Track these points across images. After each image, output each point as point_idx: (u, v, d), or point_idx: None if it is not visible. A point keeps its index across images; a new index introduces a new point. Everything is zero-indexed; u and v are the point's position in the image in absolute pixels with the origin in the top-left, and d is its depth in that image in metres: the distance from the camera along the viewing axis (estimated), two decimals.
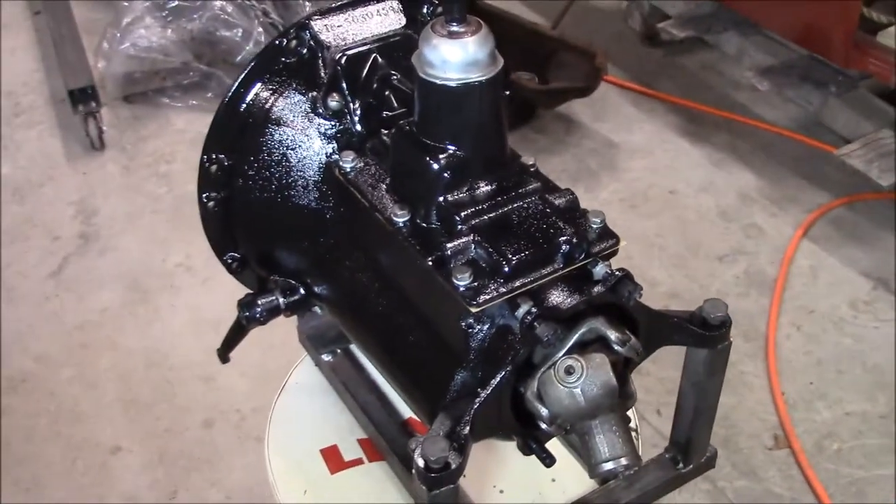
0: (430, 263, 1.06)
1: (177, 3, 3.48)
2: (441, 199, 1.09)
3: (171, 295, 2.93)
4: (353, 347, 1.48)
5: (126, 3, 3.52)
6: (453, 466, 1.00)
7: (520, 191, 1.11)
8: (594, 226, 1.09)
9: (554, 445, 1.20)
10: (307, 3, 3.70)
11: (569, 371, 1.01)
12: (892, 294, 2.82)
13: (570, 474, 1.33)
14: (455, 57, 1.04)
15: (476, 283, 1.03)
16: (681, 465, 1.30)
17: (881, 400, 2.54)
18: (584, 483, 1.32)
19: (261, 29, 3.52)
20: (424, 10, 1.30)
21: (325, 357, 1.47)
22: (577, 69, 3.21)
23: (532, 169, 1.15)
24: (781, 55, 3.16)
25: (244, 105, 1.24)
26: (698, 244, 2.97)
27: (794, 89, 3.04)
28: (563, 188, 1.14)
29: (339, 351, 1.48)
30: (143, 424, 2.56)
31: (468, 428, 1.02)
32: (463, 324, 1.06)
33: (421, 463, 1.00)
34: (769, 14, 3.06)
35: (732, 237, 3.01)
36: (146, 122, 3.61)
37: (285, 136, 1.24)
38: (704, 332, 1.15)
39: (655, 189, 3.22)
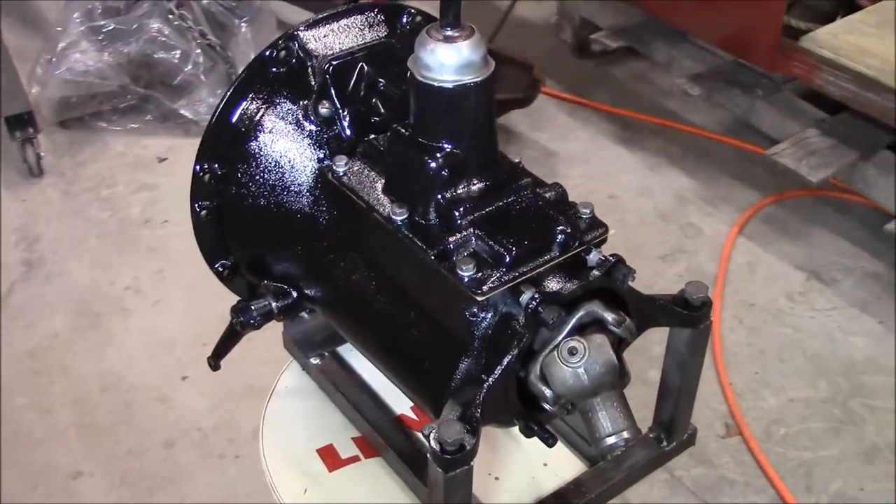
0: (434, 257, 1.11)
1: (113, 26, 3.46)
2: (439, 196, 1.14)
3: (122, 318, 2.92)
4: (341, 350, 1.52)
5: (60, 29, 3.49)
6: (468, 448, 1.05)
7: (513, 186, 1.17)
8: (584, 216, 1.16)
9: None
10: (243, 25, 3.72)
11: (572, 352, 1.07)
12: (824, 285, 2.97)
13: (560, 458, 1.38)
14: (451, 60, 1.09)
15: (480, 274, 1.08)
16: (664, 443, 1.36)
17: (822, 385, 2.67)
18: (574, 466, 1.38)
19: (199, 50, 3.53)
20: (404, 21, 1.35)
21: (313, 360, 1.50)
22: (516, 81, 3.30)
23: (520, 166, 1.22)
24: (709, 62, 3.30)
25: (236, 114, 1.28)
26: (640, 245, 3.08)
27: (723, 94, 3.18)
28: (551, 182, 1.21)
29: (326, 354, 1.51)
30: (103, 448, 2.54)
31: (479, 411, 1.07)
32: (467, 313, 1.11)
33: (436, 446, 1.04)
34: (697, 23, 3.20)
35: (672, 237, 3.13)
36: (84, 146, 3.58)
37: (277, 144, 1.28)
38: (688, 313, 1.22)
39: (595, 195, 3.33)
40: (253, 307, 1.34)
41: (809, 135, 2.95)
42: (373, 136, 1.27)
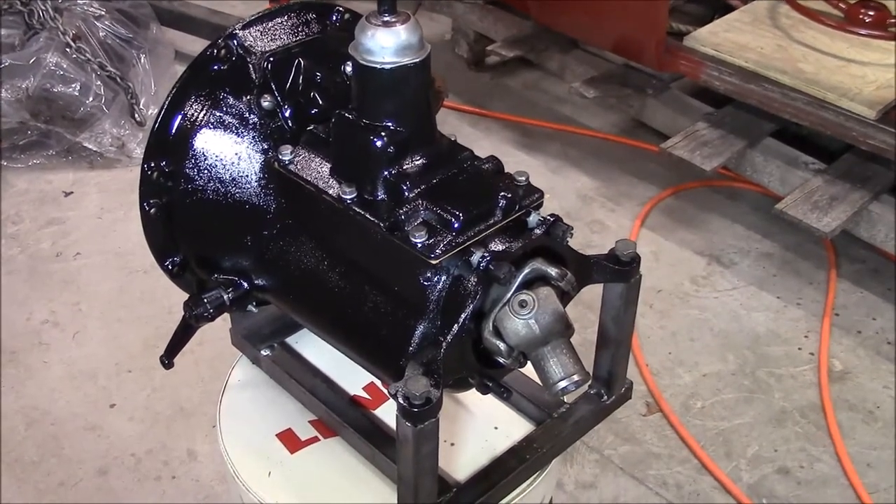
0: (386, 229, 1.19)
1: (8, 62, 3.41)
2: (386, 172, 1.22)
3: (41, 352, 2.88)
4: (290, 340, 1.57)
5: None
6: (434, 400, 1.12)
7: (454, 159, 1.25)
8: (521, 183, 1.25)
9: (490, 399, 1.34)
10: (141, 55, 3.73)
11: (522, 304, 1.16)
12: (724, 267, 3.15)
13: (510, 421, 1.47)
14: (390, 43, 1.18)
15: (431, 240, 1.16)
16: (605, 397, 1.46)
17: (730, 359, 2.83)
18: (523, 426, 1.46)
19: (99, 82, 3.51)
20: (333, 18, 1.43)
21: (264, 352, 1.54)
22: None
23: (456, 142, 1.30)
24: (600, 67, 3.48)
25: (181, 111, 1.32)
26: None
27: (616, 95, 3.35)
28: (488, 156, 1.30)
29: (275, 345, 1.55)
30: (33, 483, 2.49)
31: (441, 367, 1.15)
32: (421, 278, 1.18)
33: (404, 402, 1.11)
34: (587, 30, 3.36)
35: (580, 234, 3.27)
36: None
37: (223, 138, 1.33)
38: (619, 268, 1.33)
39: None
40: (206, 299, 1.38)
41: (699, 128, 3.13)
42: (313, 125, 1.34)
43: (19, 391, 2.75)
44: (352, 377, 1.50)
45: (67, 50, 3.47)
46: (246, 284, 1.39)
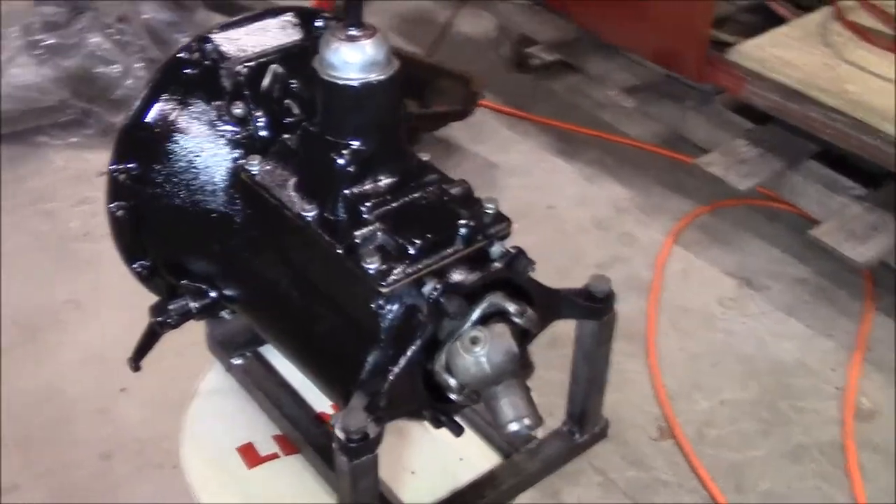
0: (341, 251, 1.14)
1: (52, 40, 3.45)
2: (347, 192, 1.17)
3: (60, 331, 2.90)
4: (263, 350, 1.54)
5: None
6: (372, 436, 1.07)
7: (420, 182, 1.20)
8: (488, 211, 1.19)
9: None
10: (185, 40, 3.73)
11: (474, 341, 1.11)
12: (755, 291, 3.04)
13: (476, 452, 1.42)
14: (354, 58, 1.13)
15: (385, 267, 1.11)
16: (577, 435, 1.40)
17: (752, 387, 2.73)
18: (489, 459, 1.41)
19: (139, 64, 3.53)
20: (317, 24, 1.39)
21: (236, 361, 1.52)
22: (454, 94, 3.35)
23: (428, 164, 1.25)
24: (642, 75, 3.38)
25: (150, 114, 1.30)
26: (579, 254, 3.13)
27: (656, 105, 3.26)
28: (458, 179, 1.24)
29: (248, 354, 1.53)
30: (41, 461, 2.52)
31: (385, 400, 1.10)
32: (373, 305, 1.14)
33: (342, 435, 1.07)
34: (629, 38, 3.27)
35: (609, 245, 3.19)
36: (24, 161, 3.55)
37: (192, 144, 1.30)
38: (591, 305, 1.26)
39: (534, 205, 3.38)
40: (171, 307, 1.36)
41: (738, 144, 3.02)
42: (286, 136, 1.30)
43: (35, 369, 2.78)
44: (319, 393, 1.46)
45: (110, 31, 3.49)
46: (214, 293, 1.37)
